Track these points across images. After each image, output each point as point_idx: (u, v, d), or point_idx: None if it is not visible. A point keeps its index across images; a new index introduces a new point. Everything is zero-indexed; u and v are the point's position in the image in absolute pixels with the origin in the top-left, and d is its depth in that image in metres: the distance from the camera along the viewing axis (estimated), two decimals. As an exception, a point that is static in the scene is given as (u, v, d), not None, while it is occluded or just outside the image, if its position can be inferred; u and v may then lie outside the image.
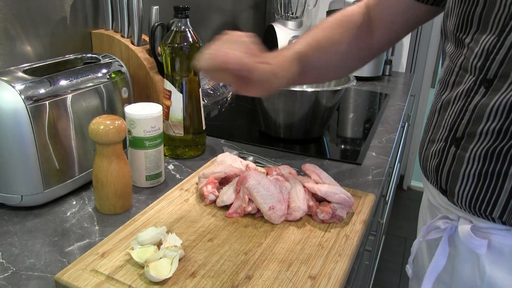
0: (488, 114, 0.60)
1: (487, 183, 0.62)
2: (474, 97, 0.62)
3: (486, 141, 0.61)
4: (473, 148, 0.63)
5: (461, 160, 0.65)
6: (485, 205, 0.63)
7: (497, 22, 0.59)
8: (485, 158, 0.62)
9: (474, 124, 0.63)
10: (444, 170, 0.68)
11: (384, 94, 1.67)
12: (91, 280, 0.58)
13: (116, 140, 0.72)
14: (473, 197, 0.64)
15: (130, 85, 0.91)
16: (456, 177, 0.66)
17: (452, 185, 0.67)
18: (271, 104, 1.10)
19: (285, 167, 0.81)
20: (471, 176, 0.64)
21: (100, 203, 0.77)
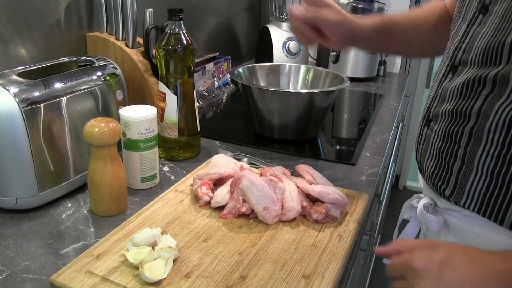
0: (448, 95, 0.66)
1: (443, 162, 0.67)
2: (444, 81, 0.68)
3: (444, 122, 0.66)
4: (436, 128, 0.68)
5: (429, 140, 0.70)
6: (441, 183, 0.68)
7: (470, 14, 0.65)
8: (443, 138, 0.66)
9: (439, 106, 0.68)
10: (419, 149, 0.73)
11: (378, 94, 1.68)
12: (86, 282, 0.58)
13: (111, 142, 0.73)
14: (433, 174, 0.69)
15: (124, 88, 0.92)
16: (424, 155, 0.71)
17: (421, 163, 0.72)
18: (265, 105, 1.10)
19: (279, 168, 0.82)
20: (433, 154, 0.68)
21: (95, 205, 0.77)
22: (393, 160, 1.89)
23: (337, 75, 1.22)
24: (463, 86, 0.63)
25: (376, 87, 1.82)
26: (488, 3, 0.62)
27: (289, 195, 0.74)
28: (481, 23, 0.62)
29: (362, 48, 1.03)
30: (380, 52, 1.12)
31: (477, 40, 0.62)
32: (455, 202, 0.66)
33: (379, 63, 1.92)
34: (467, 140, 0.62)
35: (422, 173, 0.74)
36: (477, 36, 0.62)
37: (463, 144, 0.63)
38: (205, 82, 1.47)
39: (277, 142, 1.14)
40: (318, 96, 1.08)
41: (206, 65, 1.46)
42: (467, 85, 0.62)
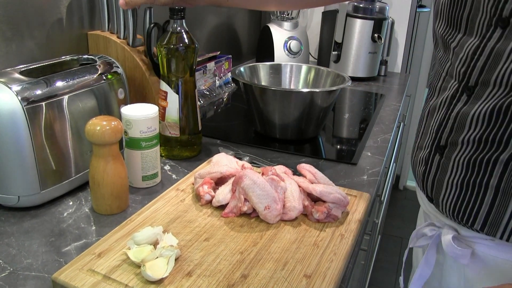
0: (469, 122, 0.60)
1: (469, 194, 0.61)
2: (457, 104, 0.62)
3: (468, 150, 0.60)
4: (456, 157, 0.62)
5: (445, 169, 0.64)
6: (467, 216, 0.63)
7: (481, 27, 0.58)
8: (467, 168, 0.61)
9: (457, 133, 0.62)
10: (429, 178, 0.68)
11: (379, 94, 1.68)
12: (88, 280, 0.58)
13: (112, 140, 0.73)
14: (456, 207, 0.64)
15: (126, 86, 0.92)
16: (440, 185, 0.65)
17: (436, 194, 0.67)
18: (266, 105, 1.10)
19: (281, 167, 0.82)
20: (454, 185, 0.63)
21: (96, 204, 0.77)
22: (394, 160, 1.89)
23: (338, 75, 1.22)
24: (493, 112, 0.57)
25: (377, 86, 1.82)
26: (508, 15, 0.54)
27: (290, 195, 0.74)
28: (503, 39, 0.55)
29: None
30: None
31: (503, 59, 0.55)
32: (490, 234, 0.61)
33: (380, 63, 1.92)
34: (503, 169, 0.57)
35: (435, 203, 0.68)
36: (500, 54, 0.55)
37: (497, 173, 0.58)
38: (206, 81, 1.47)
39: (278, 142, 1.14)
40: (319, 95, 1.08)
41: (207, 64, 1.46)
42: (498, 111, 0.56)
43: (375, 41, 1.78)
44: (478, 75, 0.58)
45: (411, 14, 2.06)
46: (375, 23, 1.76)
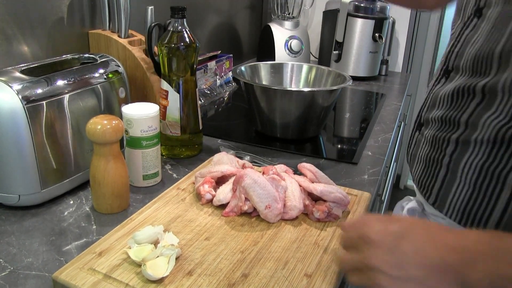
0: (438, 102, 0.65)
1: (429, 169, 0.66)
2: (437, 86, 0.67)
3: (433, 128, 0.65)
4: (426, 133, 0.67)
5: (418, 144, 0.69)
6: (425, 190, 0.67)
7: (466, 16, 0.64)
8: (430, 144, 0.66)
9: (429, 111, 0.67)
10: (409, 152, 0.73)
11: (380, 93, 1.68)
12: (89, 279, 0.58)
13: (113, 140, 0.73)
14: (419, 181, 0.68)
15: (127, 85, 0.92)
16: (413, 160, 0.71)
17: (411, 167, 0.72)
18: (267, 104, 1.10)
19: (281, 166, 0.82)
20: (421, 160, 0.68)
21: (97, 203, 0.77)
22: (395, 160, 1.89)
23: (339, 74, 1.21)
24: (453, 94, 0.62)
25: (378, 86, 1.82)
26: (482, 6, 0.60)
27: (291, 194, 0.74)
28: (474, 28, 0.61)
29: None
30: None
31: (468, 46, 0.61)
32: (439, 210, 0.65)
33: (381, 62, 1.91)
34: (453, 149, 0.62)
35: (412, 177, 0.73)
36: (469, 41, 0.61)
37: (449, 152, 0.62)
38: (207, 80, 1.47)
39: (279, 141, 1.14)
40: (320, 94, 1.08)
41: (208, 63, 1.46)
42: (457, 93, 0.61)
43: (376, 40, 1.78)
44: (454, 60, 0.64)
45: (412, 14, 2.06)
46: (376, 23, 1.76)
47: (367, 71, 1.85)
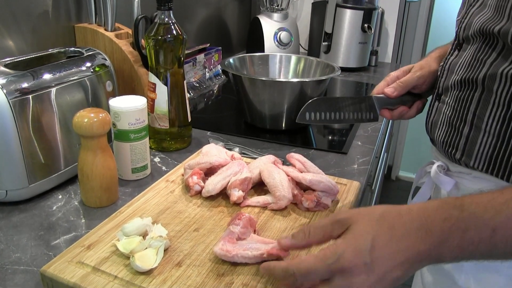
0: (456, 69, 0.71)
1: (453, 129, 0.71)
2: (450, 58, 0.74)
3: (454, 92, 0.71)
4: (447, 99, 0.73)
5: (440, 111, 0.75)
6: (450, 148, 0.72)
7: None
8: (453, 107, 0.71)
9: (447, 79, 0.73)
10: (429, 120, 0.79)
11: (370, 84, 1.68)
12: (77, 272, 0.58)
13: (101, 132, 0.72)
14: (444, 141, 0.73)
15: (114, 79, 0.91)
16: (435, 126, 0.76)
17: (433, 133, 0.77)
18: (256, 95, 1.10)
19: (270, 156, 0.82)
20: (443, 123, 0.73)
21: (86, 197, 0.77)
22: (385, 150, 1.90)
23: (328, 65, 1.21)
24: (472, 58, 0.68)
25: (368, 76, 1.82)
26: None
27: (279, 184, 0.74)
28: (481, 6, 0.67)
29: None
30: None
31: (476, 18, 0.67)
32: (465, 164, 0.70)
33: (370, 53, 1.92)
34: (476, 105, 0.67)
35: (434, 143, 0.78)
36: (476, 15, 0.67)
37: (472, 109, 0.67)
38: (196, 73, 1.46)
39: (268, 132, 1.14)
40: (309, 85, 1.08)
41: (196, 56, 1.46)
42: (474, 56, 0.67)
43: (365, 31, 1.78)
44: (462, 33, 0.71)
45: (400, 4, 2.06)
46: (365, 13, 1.76)
47: (356, 62, 1.85)
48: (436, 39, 2.81)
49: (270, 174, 0.75)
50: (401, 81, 0.79)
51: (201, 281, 0.57)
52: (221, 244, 0.60)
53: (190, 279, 0.57)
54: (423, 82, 0.80)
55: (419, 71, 0.80)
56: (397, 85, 0.79)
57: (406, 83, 0.79)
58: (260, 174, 0.77)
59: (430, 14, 2.64)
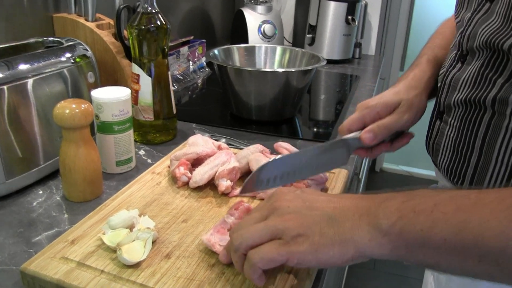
0: (460, 85, 0.62)
1: (459, 156, 0.63)
2: (452, 71, 0.64)
3: (459, 112, 0.62)
4: (450, 120, 0.64)
5: (443, 133, 0.66)
6: (457, 177, 0.64)
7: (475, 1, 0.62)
8: (458, 130, 0.62)
9: (449, 96, 0.64)
10: (430, 142, 0.70)
11: (354, 76, 1.68)
12: (61, 268, 0.55)
13: (83, 124, 0.70)
14: (449, 169, 0.65)
15: (96, 70, 0.88)
16: (438, 149, 0.67)
17: (435, 157, 0.68)
18: (242, 86, 1.08)
19: (258, 146, 0.80)
20: (448, 147, 0.64)
21: (68, 191, 0.74)
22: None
23: (313, 55, 1.20)
24: (477, 74, 0.60)
25: (352, 68, 1.82)
26: None
27: (269, 173, 0.72)
28: (489, 11, 0.59)
29: None
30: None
31: (481, 28, 0.59)
32: None
33: (354, 45, 1.91)
34: (485, 130, 0.59)
35: (436, 166, 0.70)
36: (481, 24, 0.59)
37: (481, 134, 0.59)
38: (179, 66, 1.43)
39: (254, 123, 1.12)
40: (295, 75, 1.07)
41: (180, 49, 1.43)
42: (480, 73, 0.59)
43: (349, 23, 1.77)
44: (466, 43, 0.62)
45: (383, -4, 2.06)
46: (348, 5, 1.75)
47: (341, 54, 1.84)
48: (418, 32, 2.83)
49: (259, 163, 0.73)
50: (384, 126, 0.64)
51: (191, 272, 0.55)
52: (209, 234, 0.59)
53: (180, 270, 0.55)
54: (412, 124, 0.68)
55: (407, 113, 0.66)
56: (378, 131, 0.64)
57: (389, 129, 0.65)
58: (248, 164, 0.75)
59: (411, 7, 2.65)
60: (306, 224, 0.47)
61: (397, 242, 0.44)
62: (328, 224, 0.47)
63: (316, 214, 0.48)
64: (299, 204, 0.50)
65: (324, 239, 0.46)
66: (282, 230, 0.48)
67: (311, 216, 0.48)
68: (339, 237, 0.46)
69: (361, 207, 0.47)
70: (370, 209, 0.46)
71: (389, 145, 0.69)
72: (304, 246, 0.46)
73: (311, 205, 0.49)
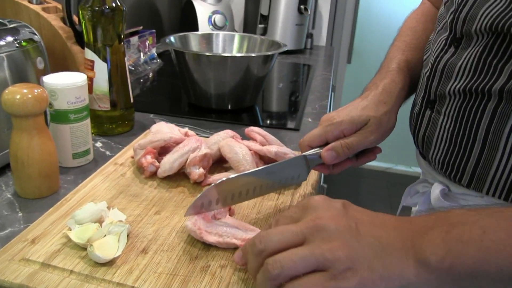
0: (456, 73, 0.58)
1: (457, 148, 0.59)
2: (444, 56, 0.60)
3: (456, 102, 0.58)
4: (446, 110, 0.60)
5: (435, 124, 0.62)
6: (455, 171, 0.60)
7: None
8: (456, 120, 0.58)
9: (443, 84, 0.60)
10: (419, 134, 0.65)
11: (308, 65, 1.67)
12: (22, 271, 0.49)
13: (37, 111, 0.63)
14: (445, 163, 0.61)
15: (45, 55, 0.80)
16: (430, 141, 0.63)
17: (427, 150, 0.64)
18: (201, 74, 1.03)
19: (228, 131, 0.76)
20: (443, 140, 0.61)
21: (21, 187, 0.67)
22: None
23: (273, 42, 1.17)
24: (478, 60, 0.55)
25: (305, 58, 1.81)
26: None
27: (243, 159, 0.68)
28: None
29: None
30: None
31: (483, 9, 0.54)
32: (476, 190, 0.58)
33: (306, 36, 1.90)
34: (490, 119, 0.54)
35: (426, 159, 0.66)
36: (483, 4, 0.54)
37: (485, 124, 0.55)
38: (130, 56, 1.36)
39: (214, 112, 1.08)
40: (255, 61, 1.03)
41: (130, 39, 1.36)
42: (482, 59, 0.55)
43: (302, 12, 1.76)
44: (461, 26, 0.57)
45: (333, -13, 2.07)
46: (300, -5, 1.74)
47: (293, 44, 1.82)
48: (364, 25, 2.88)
49: (232, 148, 0.69)
50: (347, 146, 0.61)
51: (173, 267, 0.50)
52: (194, 219, 0.54)
53: (160, 265, 0.51)
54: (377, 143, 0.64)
55: (374, 134, 0.62)
56: (341, 150, 0.61)
57: (353, 149, 0.62)
58: (220, 150, 0.71)
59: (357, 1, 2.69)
60: (356, 256, 0.42)
61: (446, 278, 0.41)
62: (377, 258, 0.42)
63: (364, 244, 0.43)
64: (345, 225, 0.44)
65: (374, 275, 0.41)
66: (331, 261, 0.41)
67: (360, 247, 0.42)
68: (387, 273, 0.42)
69: (405, 238, 0.43)
70: (414, 241, 0.43)
71: (353, 161, 0.66)
72: (353, 282, 0.41)
73: (358, 229, 0.44)
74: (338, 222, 0.44)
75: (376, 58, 0.89)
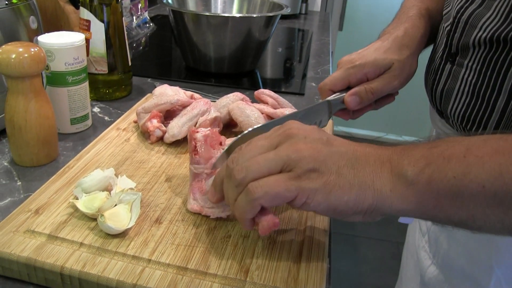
0: (483, 22, 0.54)
1: (480, 100, 0.56)
2: (469, 7, 0.57)
3: (481, 53, 0.55)
4: (468, 62, 0.57)
5: (456, 77, 0.59)
6: (477, 125, 0.57)
7: None
8: (479, 72, 0.55)
9: (466, 36, 0.57)
10: (438, 88, 0.62)
11: (303, 30, 1.62)
12: (29, 243, 0.46)
13: (34, 71, 0.58)
14: (465, 116, 0.58)
15: (38, 14, 0.75)
16: (449, 95, 0.60)
17: (445, 105, 0.61)
18: (200, 35, 0.98)
19: (237, 94, 0.72)
20: (464, 93, 0.58)
21: (18, 154, 0.63)
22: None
23: (274, 4, 1.12)
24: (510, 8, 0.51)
25: (299, 23, 1.75)
26: None
27: (255, 122, 0.65)
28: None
29: None
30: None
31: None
32: None
33: (301, 1, 1.84)
34: None
35: (444, 116, 0.63)
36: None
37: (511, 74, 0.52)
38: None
39: (213, 76, 1.03)
40: (257, 24, 0.98)
41: (122, 1, 1.28)
42: None
43: (297, -26, 1.69)
44: None
45: None
46: (296, -44, 1.67)
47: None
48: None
49: (243, 112, 0.66)
50: (371, 90, 0.59)
51: (191, 238, 0.47)
52: (192, 201, 0.50)
53: (177, 237, 0.47)
54: (399, 89, 0.62)
55: (398, 78, 0.59)
56: (365, 96, 0.59)
57: (377, 94, 0.60)
58: (230, 113, 0.67)
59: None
60: (323, 159, 0.40)
61: (424, 194, 0.39)
62: (347, 165, 0.40)
63: (334, 151, 0.41)
64: (317, 136, 0.42)
65: (341, 180, 0.40)
66: (296, 161, 0.40)
67: (330, 152, 0.41)
68: (357, 181, 0.40)
69: (382, 154, 0.41)
70: (392, 156, 0.41)
71: (373, 105, 0.63)
72: (317, 183, 0.39)
73: (330, 141, 0.43)
74: (311, 133, 0.43)
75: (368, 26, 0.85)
